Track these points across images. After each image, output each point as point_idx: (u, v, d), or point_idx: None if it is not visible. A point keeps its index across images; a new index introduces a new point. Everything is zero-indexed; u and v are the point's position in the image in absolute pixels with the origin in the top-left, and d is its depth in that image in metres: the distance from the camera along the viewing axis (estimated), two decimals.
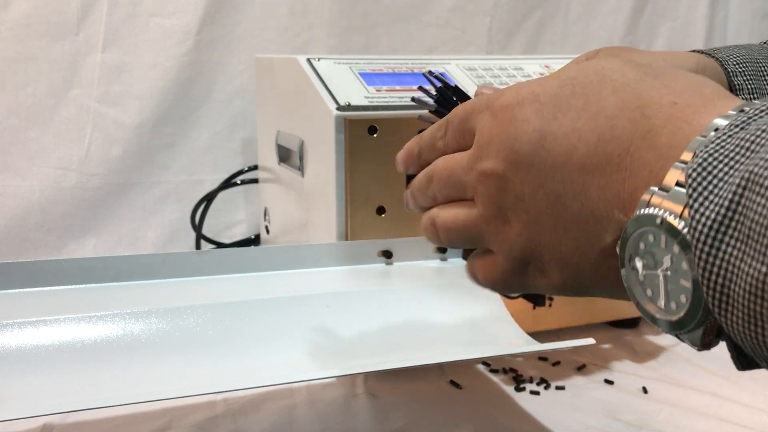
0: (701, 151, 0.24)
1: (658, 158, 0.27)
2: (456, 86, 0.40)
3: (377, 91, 0.63)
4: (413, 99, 0.39)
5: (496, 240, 0.34)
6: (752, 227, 0.21)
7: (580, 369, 0.65)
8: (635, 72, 0.29)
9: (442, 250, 0.61)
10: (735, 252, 0.22)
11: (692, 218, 0.23)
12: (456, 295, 0.55)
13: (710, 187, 0.23)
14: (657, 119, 0.27)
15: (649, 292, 0.27)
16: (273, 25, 0.96)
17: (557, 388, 0.62)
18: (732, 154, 0.23)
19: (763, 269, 0.21)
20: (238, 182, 0.92)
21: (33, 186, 0.88)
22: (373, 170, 0.60)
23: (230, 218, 0.98)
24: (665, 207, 0.25)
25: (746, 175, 0.22)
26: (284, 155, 0.73)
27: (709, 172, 0.23)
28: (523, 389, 0.61)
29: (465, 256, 0.62)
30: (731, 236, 0.22)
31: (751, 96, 0.46)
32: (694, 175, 0.23)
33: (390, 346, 0.50)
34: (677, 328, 0.26)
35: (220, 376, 0.45)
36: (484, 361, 0.66)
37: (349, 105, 0.59)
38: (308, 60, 0.66)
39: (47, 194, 0.89)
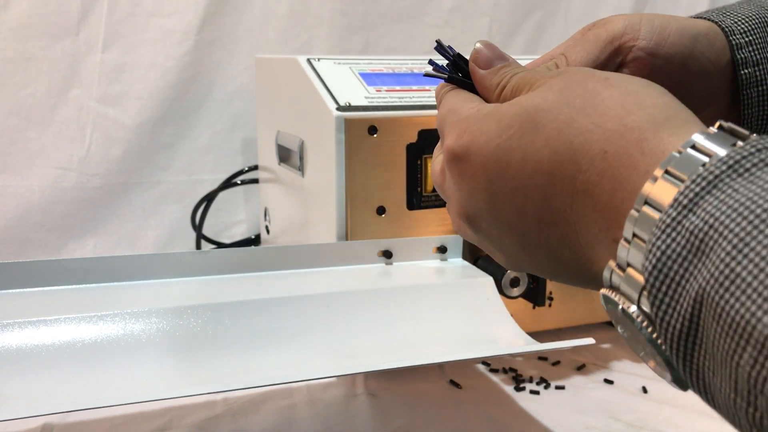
0: (653, 247, 0.23)
1: (601, 219, 0.27)
2: (459, 54, 0.40)
3: (377, 91, 0.63)
4: (430, 62, 0.40)
5: (494, 257, 0.36)
6: (714, 353, 0.21)
7: (580, 369, 0.65)
8: (568, 112, 0.28)
9: (441, 250, 0.61)
10: (707, 364, 0.22)
11: (660, 326, 0.23)
12: (456, 295, 0.55)
13: (670, 293, 0.22)
14: (591, 174, 0.27)
15: (640, 350, 0.26)
16: (273, 25, 0.96)
17: (557, 387, 0.62)
18: (684, 253, 0.22)
19: (732, 395, 0.21)
20: (238, 182, 0.92)
21: (33, 186, 0.88)
22: (373, 170, 0.60)
23: (230, 218, 0.98)
24: (624, 292, 0.25)
25: (700, 291, 0.21)
26: (284, 155, 0.73)
27: (666, 275, 0.22)
28: (523, 389, 0.61)
29: (465, 257, 0.62)
30: (700, 348, 0.22)
31: (755, 68, 0.43)
32: (652, 279, 0.23)
33: (390, 346, 0.50)
34: (678, 386, 0.25)
35: (220, 376, 0.45)
36: (484, 361, 0.66)
37: (349, 105, 0.59)
38: (308, 60, 0.66)
39: (47, 194, 0.89)
